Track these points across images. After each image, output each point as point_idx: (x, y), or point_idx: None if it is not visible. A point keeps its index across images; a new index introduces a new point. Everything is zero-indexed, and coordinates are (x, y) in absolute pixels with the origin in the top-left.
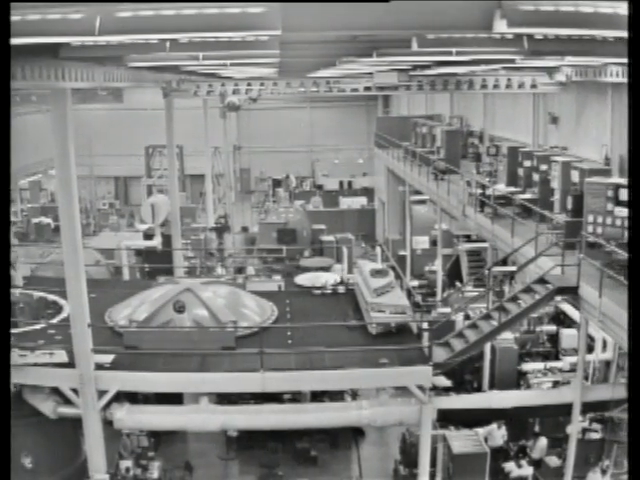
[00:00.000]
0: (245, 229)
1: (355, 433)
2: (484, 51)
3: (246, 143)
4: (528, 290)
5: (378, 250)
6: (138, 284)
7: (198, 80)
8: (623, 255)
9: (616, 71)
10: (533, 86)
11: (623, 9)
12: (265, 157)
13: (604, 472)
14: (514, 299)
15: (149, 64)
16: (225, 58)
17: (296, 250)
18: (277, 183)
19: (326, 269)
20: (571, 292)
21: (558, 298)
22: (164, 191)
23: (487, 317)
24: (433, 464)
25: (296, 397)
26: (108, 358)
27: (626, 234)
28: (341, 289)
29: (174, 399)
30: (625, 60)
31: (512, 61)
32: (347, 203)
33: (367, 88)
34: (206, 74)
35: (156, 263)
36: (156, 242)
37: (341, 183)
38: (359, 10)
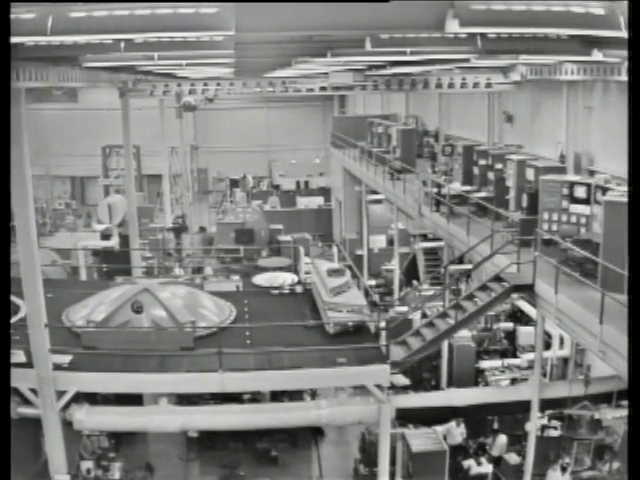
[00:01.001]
0: (203, 229)
1: (315, 432)
2: (438, 51)
3: (203, 143)
4: (484, 288)
5: (335, 250)
6: (96, 284)
7: (154, 80)
8: (579, 252)
9: (571, 69)
10: (488, 85)
11: (576, 7)
12: (222, 157)
13: (564, 469)
14: (470, 297)
15: (104, 64)
16: (181, 58)
17: (254, 250)
18: (234, 183)
19: (284, 269)
20: (527, 289)
21: (514, 296)
22: (121, 191)
23: (444, 315)
24: (393, 463)
25: (256, 397)
26: (66, 359)
27: (582, 230)
28: (299, 289)
29: (134, 400)
30: (579, 58)
31: (467, 60)
32: (304, 203)
33: (323, 88)
34: (162, 74)
35: (113, 263)
36: (113, 242)
37: (298, 183)
38: (313, 10)
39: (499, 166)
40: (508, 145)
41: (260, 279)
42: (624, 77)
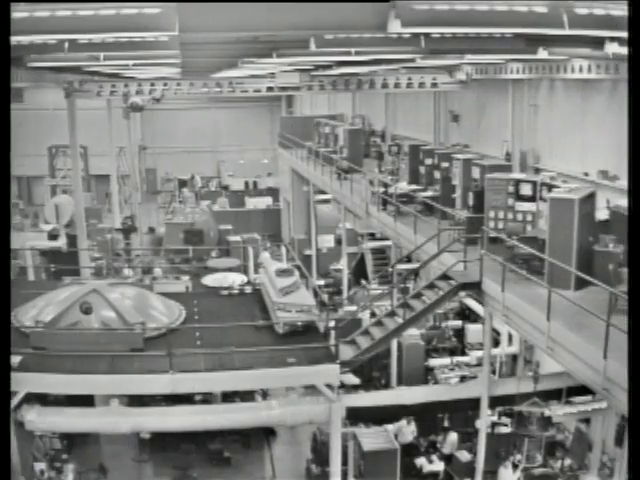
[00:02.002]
0: (152, 230)
1: (267, 433)
2: (382, 51)
3: (151, 143)
4: (432, 286)
5: (283, 250)
6: (44, 285)
7: (101, 80)
8: (525, 249)
9: (516, 68)
10: (434, 85)
11: (519, 5)
12: (171, 157)
13: (515, 466)
14: (418, 296)
15: (49, 64)
16: (127, 59)
17: (203, 251)
18: (183, 183)
19: (233, 269)
20: (474, 287)
21: (462, 293)
22: (68, 191)
23: (392, 314)
24: (344, 462)
25: (207, 398)
26: (15, 359)
27: (528, 228)
28: (248, 289)
29: (85, 401)
30: (524, 56)
31: (412, 60)
32: (253, 203)
33: (270, 88)
34: (109, 74)
35: (61, 264)
36: (61, 242)
37: (247, 183)
38: (257, 11)
39: (445, 165)
40: (454, 144)
41: (209, 280)
42: (569, 75)
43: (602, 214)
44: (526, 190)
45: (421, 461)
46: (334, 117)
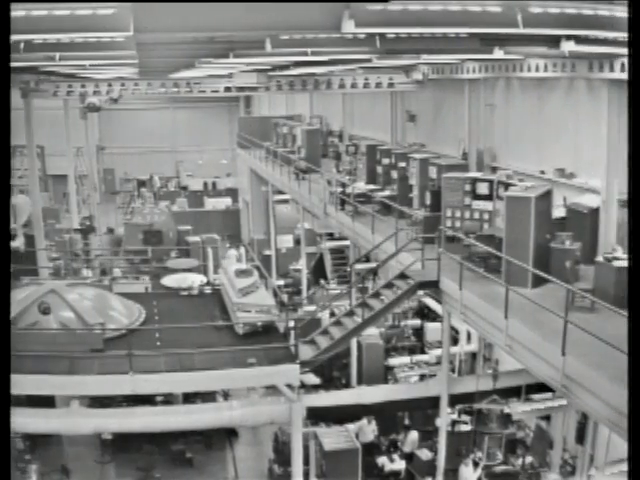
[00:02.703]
0: (111, 230)
1: (229, 433)
2: (338, 51)
3: (109, 144)
4: (390, 286)
5: (242, 250)
6: None
7: (58, 80)
8: (482, 248)
9: (472, 67)
10: (390, 85)
11: (472, 5)
12: (129, 158)
13: (476, 464)
14: (377, 295)
15: None
16: (83, 59)
17: (162, 251)
18: (142, 184)
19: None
20: (432, 286)
21: (420, 292)
22: (25, 191)
23: (351, 314)
24: (306, 462)
25: (168, 399)
26: None
27: (485, 226)
28: (208, 290)
29: (46, 402)
30: (480, 56)
31: (369, 60)
32: (212, 204)
33: (227, 89)
34: (66, 74)
35: (19, 264)
36: (19, 243)
37: (205, 184)
38: (212, 11)
39: (402, 165)
40: (411, 144)
41: (169, 280)
42: (526, 74)
43: (559, 212)
44: (483, 189)
45: (382, 460)
46: (292, 117)
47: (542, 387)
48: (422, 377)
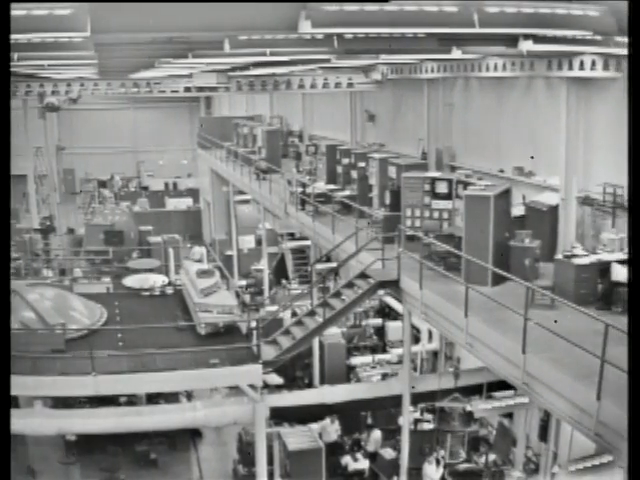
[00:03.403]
0: (71, 230)
1: (193, 434)
2: (297, 51)
3: (69, 144)
4: (350, 285)
5: (204, 250)
6: None
7: (16, 80)
8: (441, 247)
9: (431, 67)
10: (350, 85)
11: (429, 6)
12: (89, 158)
13: (439, 462)
14: (337, 295)
15: None
16: (41, 59)
17: (124, 252)
18: (102, 184)
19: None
20: (392, 285)
21: (381, 292)
22: None
23: (312, 314)
24: (270, 462)
25: (132, 400)
26: None
27: (445, 225)
28: (169, 290)
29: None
30: (439, 56)
31: (328, 61)
32: (173, 204)
33: (187, 89)
34: (24, 75)
35: None
36: None
37: (166, 184)
38: (169, 12)
39: (362, 164)
40: (371, 144)
41: (130, 281)
42: (484, 73)
43: (518, 210)
44: (442, 188)
45: (346, 459)
46: (252, 118)
47: (504, 385)
48: (384, 376)
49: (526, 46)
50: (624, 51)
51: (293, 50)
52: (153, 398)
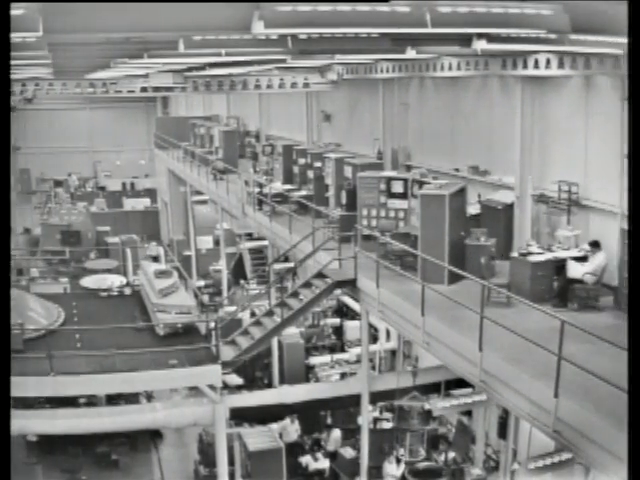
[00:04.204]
0: (27, 230)
1: (154, 435)
2: (252, 52)
3: (25, 143)
4: (308, 285)
5: (162, 251)
6: None
7: None
8: (397, 246)
9: (386, 67)
10: (306, 85)
11: (381, 6)
12: (45, 158)
13: (399, 461)
14: (295, 295)
15: None
16: None
17: (81, 252)
18: (58, 184)
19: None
20: (349, 285)
21: (338, 291)
22: None
23: (270, 314)
24: (231, 462)
25: (91, 400)
26: None
27: (400, 224)
28: (127, 291)
29: None
30: (393, 56)
31: (283, 61)
32: (131, 204)
33: (144, 89)
34: None
35: None
36: None
37: (124, 184)
38: (122, 12)
39: (318, 164)
40: (327, 143)
41: (88, 281)
42: (439, 73)
43: (473, 209)
44: (397, 187)
45: (306, 459)
46: (209, 118)
47: (462, 383)
48: (343, 375)
49: (480, 45)
50: (579, 49)
51: (248, 50)
52: (113, 399)
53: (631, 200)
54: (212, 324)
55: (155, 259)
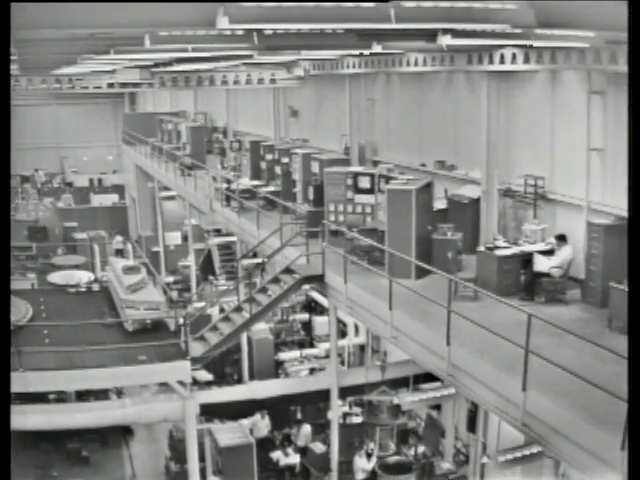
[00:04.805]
0: None
1: (124, 431)
2: (218, 47)
3: None
4: (276, 280)
5: (130, 247)
6: None
7: None
8: (365, 241)
9: (352, 62)
10: (272, 81)
11: (347, 1)
12: (12, 154)
13: (369, 455)
14: (264, 290)
15: None
16: None
17: (48, 248)
18: (25, 180)
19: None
20: (317, 280)
21: (307, 287)
22: None
23: (239, 309)
24: (202, 458)
25: (61, 397)
26: None
27: (368, 219)
28: (95, 287)
29: None
30: (359, 51)
31: (250, 57)
32: (98, 200)
33: (110, 85)
34: None
35: None
36: None
37: (91, 180)
38: (88, 9)
39: (285, 160)
40: (294, 139)
41: (56, 277)
42: (405, 68)
43: (440, 203)
44: (364, 183)
45: (277, 454)
46: (177, 114)
47: (431, 377)
48: (312, 371)
49: (445, 41)
50: (544, 43)
51: (214, 46)
52: (83, 395)
53: (631, 201)
54: (181, 320)
55: (120, 252)
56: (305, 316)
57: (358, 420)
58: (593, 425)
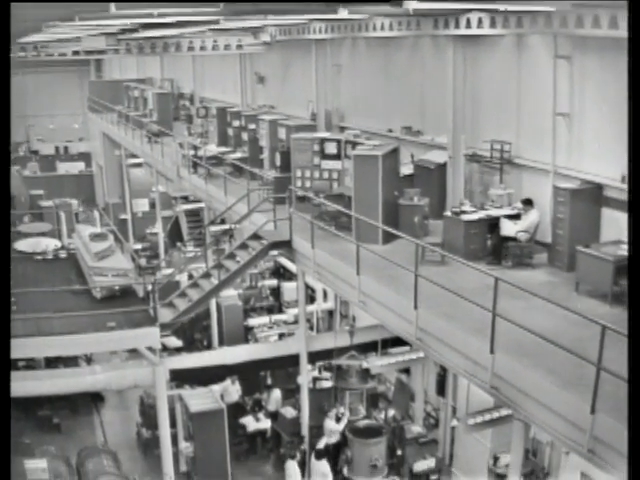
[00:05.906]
0: None
1: (95, 398)
2: (183, 13)
3: None
4: (244, 247)
5: (97, 214)
6: None
7: None
8: (332, 207)
9: (319, 28)
10: (239, 47)
11: None
12: None
13: (339, 419)
14: (232, 256)
15: None
16: None
17: (15, 216)
18: None
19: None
20: (285, 246)
21: (275, 252)
22: None
23: (207, 275)
24: (173, 424)
25: (30, 364)
26: None
27: (334, 185)
28: (63, 254)
29: None
30: (326, 16)
31: (217, 22)
32: (65, 168)
33: (76, 52)
34: None
35: None
36: None
37: (57, 148)
38: None
39: (252, 127)
40: (261, 105)
41: (23, 245)
42: (371, 33)
43: (406, 169)
44: (331, 149)
45: (248, 420)
46: (143, 81)
47: (400, 341)
48: (281, 336)
49: (411, 5)
50: (510, 7)
51: (180, 11)
52: (52, 362)
53: (631, 202)
54: (149, 286)
55: (77, 216)
56: (274, 282)
57: (328, 385)
58: (562, 388)
